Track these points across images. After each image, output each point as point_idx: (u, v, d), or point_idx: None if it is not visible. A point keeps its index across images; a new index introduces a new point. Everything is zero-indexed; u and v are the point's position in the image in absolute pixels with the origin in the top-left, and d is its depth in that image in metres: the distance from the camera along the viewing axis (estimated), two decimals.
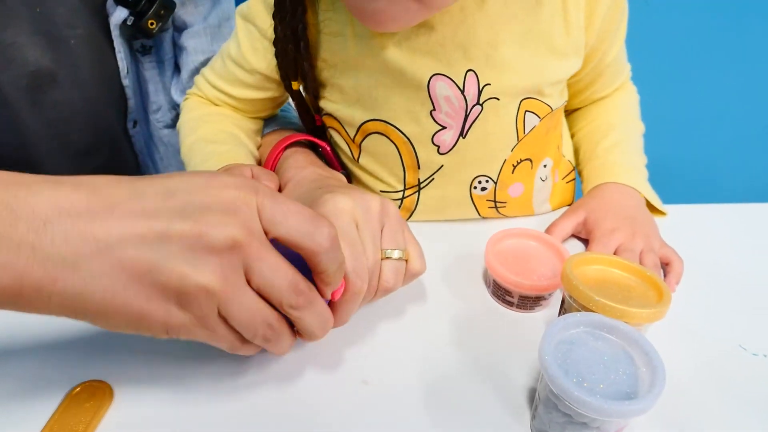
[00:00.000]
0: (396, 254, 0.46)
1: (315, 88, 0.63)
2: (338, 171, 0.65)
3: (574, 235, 0.66)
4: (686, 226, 0.68)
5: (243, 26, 0.63)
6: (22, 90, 0.72)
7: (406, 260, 0.48)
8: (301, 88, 0.64)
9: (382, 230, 0.47)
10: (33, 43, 0.71)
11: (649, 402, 0.36)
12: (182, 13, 0.81)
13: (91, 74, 0.77)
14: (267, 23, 0.60)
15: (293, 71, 0.61)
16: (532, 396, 0.46)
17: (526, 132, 0.62)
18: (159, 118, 0.90)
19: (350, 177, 0.69)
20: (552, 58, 0.59)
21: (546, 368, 0.38)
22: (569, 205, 0.74)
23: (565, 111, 0.75)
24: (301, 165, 0.60)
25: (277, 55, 0.61)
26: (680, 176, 1.46)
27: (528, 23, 0.57)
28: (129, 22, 0.75)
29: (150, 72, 0.86)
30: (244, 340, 0.38)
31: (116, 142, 0.86)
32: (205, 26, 0.83)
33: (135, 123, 0.87)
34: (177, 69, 0.88)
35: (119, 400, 0.44)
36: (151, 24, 0.76)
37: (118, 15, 0.75)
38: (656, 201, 0.68)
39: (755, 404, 0.46)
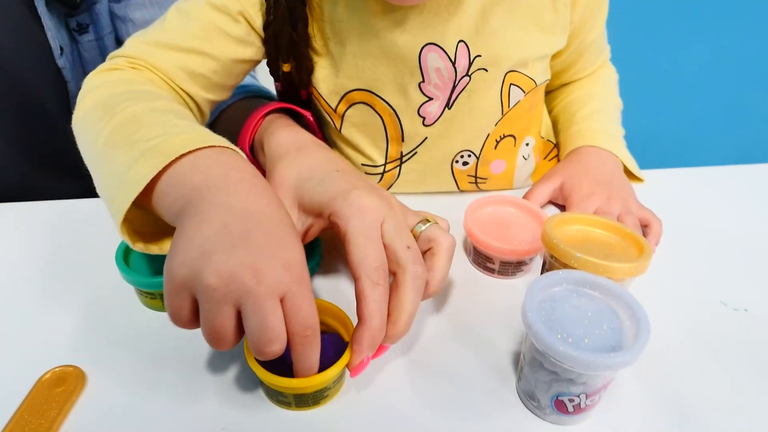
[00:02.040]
0: (427, 224, 0.46)
1: (309, 65, 0.59)
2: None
3: (551, 202, 0.66)
4: (661, 189, 0.68)
5: None
6: None
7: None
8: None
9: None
10: None
11: (634, 353, 0.35)
12: None
13: (18, 56, 0.71)
14: None
15: (286, 53, 0.57)
16: (516, 360, 0.45)
17: (511, 106, 0.61)
18: None
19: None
20: (539, 33, 0.58)
21: (530, 325, 0.37)
22: None
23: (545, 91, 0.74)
24: (294, 140, 0.53)
25: (267, 41, 0.56)
26: (651, 150, 1.48)
27: None
28: None
29: (90, 53, 0.79)
30: None
31: (62, 131, 0.81)
32: None
33: None
34: (119, 45, 0.84)
35: (92, 386, 0.43)
36: None
37: None
38: (633, 166, 0.68)
39: (740, 358, 0.46)
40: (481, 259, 0.54)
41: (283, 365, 0.39)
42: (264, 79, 0.87)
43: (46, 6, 0.69)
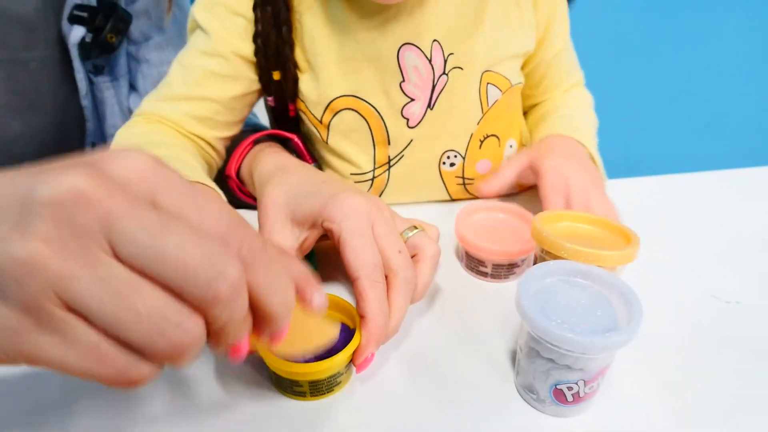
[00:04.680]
0: (414, 231, 0.47)
1: (294, 73, 0.61)
2: (309, 163, 0.64)
3: (522, 191, 0.67)
4: (657, 194, 0.71)
5: (206, 17, 0.60)
6: None
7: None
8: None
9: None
10: None
11: (629, 333, 0.36)
12: (135, 25, 0.80)
13: (53, 98, 0.74)
14: (238, 4, 0.59)
15: (274, 60, 0.60)
16: (514, 358, 0.45)
17: (490, 105, 0.64)
18: None
19: (321, 167, 0.68)
20: (507, 31, 0.62)
21: (524, 312, 0.37)
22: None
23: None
24: (280, 163, 0.56)
25: (257, 52, 0.60)
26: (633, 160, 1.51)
27: None
28: (87, 39, 0.73)
29: (106, 93, 0.83)
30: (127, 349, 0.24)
31: None
32: (167, 38, 0.82)
33: (93, 145, 0.84)
34: (132, 87, 0.87)
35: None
36: (111, 38, 0.74)
37: (76, 34, 0.72)
38: (599, 165, 0.66)
39: (735, 348, 0.47)
40: (473, 263, 0.54)
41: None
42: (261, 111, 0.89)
43: (78, 49, 0.73)
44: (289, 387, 0.41)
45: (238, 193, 0.60)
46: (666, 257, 0.58)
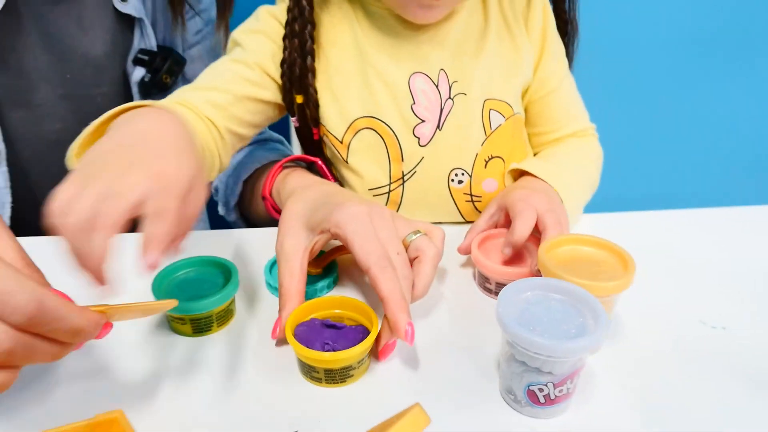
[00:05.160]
0: (417, 234, 0.53)
1: (315, 99, 0.69)
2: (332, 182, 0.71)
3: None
4: (656, 227, 0.74)
5: (245, 37, 0.69)
6: (46, 147, 0.81)
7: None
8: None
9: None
10: (61, 104, 0.81)
11: (590, 341, 0.40)
12: (189, 67, 0.90)
13: None
14: (272, 31, 0.69)
15: (298, 84, 0.68)
16: None
17: (493, 128, 0.70)
18: None
19: (342, 185, 0.75)
20: (505, 62, 0.70)
21: (500, 318, 0.42)
22: None
23: None
24: (301, 182, 0.66)
25: (283, 75, 0.68)
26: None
27: (479, 31, 0.70)
28: (146, 79, 0.84)
29: None
30: None
31: None
32: None
33: None
34: None
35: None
36: (166, 78, 0.85)
37: (137, 74, 0.84)
38: (570, 206, 0.66)
39: (716, 368, 0.50)
40: (482, 280, 0.59)
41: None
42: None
43: (138, 87, 0.85)
44: (308, 372, 0.48)
45: (271, 211, 0.69)
46: (660, 285, 0.61)
